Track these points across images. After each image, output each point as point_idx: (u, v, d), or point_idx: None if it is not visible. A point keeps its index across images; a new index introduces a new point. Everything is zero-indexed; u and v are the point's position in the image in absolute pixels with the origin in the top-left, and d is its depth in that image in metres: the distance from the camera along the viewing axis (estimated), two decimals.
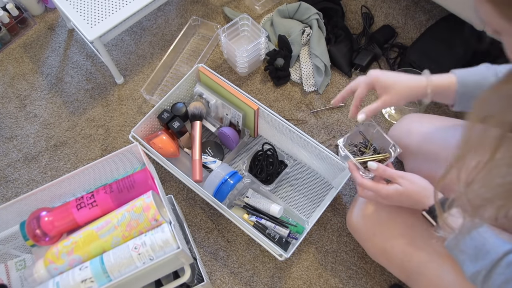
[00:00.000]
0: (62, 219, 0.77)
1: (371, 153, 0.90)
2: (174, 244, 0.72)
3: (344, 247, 1.08)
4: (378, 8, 1.37)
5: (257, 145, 1.15)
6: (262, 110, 1.07)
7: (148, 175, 0.81)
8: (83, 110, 1.27)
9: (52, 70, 1.32)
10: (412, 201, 0.78)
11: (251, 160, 1.12)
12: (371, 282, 1.05)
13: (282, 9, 1.32)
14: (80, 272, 0.71)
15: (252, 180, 1.09)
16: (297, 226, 1.05)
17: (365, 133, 0.92)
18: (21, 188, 1.17)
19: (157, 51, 1.35)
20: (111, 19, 1.08)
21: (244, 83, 1.28)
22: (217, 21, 1.38)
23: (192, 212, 1.13)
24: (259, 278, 1.06)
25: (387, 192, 0.79)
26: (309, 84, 1.25)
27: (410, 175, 0.79)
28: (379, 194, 0.80)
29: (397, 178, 0.79)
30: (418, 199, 0.77)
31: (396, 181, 0.79)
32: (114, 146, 1.22)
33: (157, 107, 1.09)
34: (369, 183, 0.81)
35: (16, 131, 1.24)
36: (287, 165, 1.12)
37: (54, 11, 1.42)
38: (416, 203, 0.78)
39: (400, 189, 0.78)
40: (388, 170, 0.81)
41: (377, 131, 0.89)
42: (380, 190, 0.80)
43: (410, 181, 0.78)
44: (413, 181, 0.78)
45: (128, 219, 0.74)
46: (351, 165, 0.86)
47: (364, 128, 0.91)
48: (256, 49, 1.20)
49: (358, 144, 0.93)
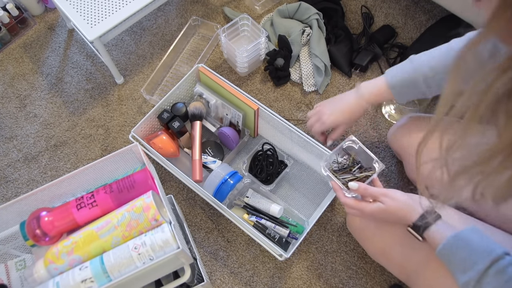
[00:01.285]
0: (62, 219, 0.77)
1: (356, 170, 0.93)
2: (174, 244, 0.72)
3: (344, 247, 1.08)
4: (378, 8, 1.37)
5: (257, 145, 1.15)
6: (262, 110, 1.07)
7: (148, 175, 0.81)
8: (83, 110, 1.27)
9: (52, 70, 1.32)
10: (396, 218, 0.79)
11: (251, 160, 1.12)
12: (371, 282, 1.05)
13: (282, 9, 1.32)
14: (80, 272, 0.71)
15: (252, 180, 1.09)
16: (297, 226, 1.05)
17: (348, 150, 0.94)
18: (21, 188, 1.17)
19: (157, 51, 1.35)
20: (111, 19, 1.08)
21: (244, 83, 1.28)
22: (217, 21, 1.38)
23: (192, 212, 1.13)
24: (259, 278, 1.06)
25: (370, 210, 0.81)
26: (309, 84, 1.25)
27: (393, 192, 0.81)
28: (362, 212, 0.82)
29: (379, 196, 0.81)
30: (402, 215, 0.78)
31: (378, 199, 0.81)
32: (114, 146, 1.22)
33: (157, 107, 1.09)
34: (351, 202, 0.84)
35: (16, 131, 1.24)
36: (287, 165, 1.12)
37: (54, 11, 1.42)
38: (400, 219, 0.79)
39: (383, 206, 0.80)
40: (369, 189, 0.82)
41: (359, 147, 0.92)
42: (363, 208, 0.82)
43: (391, 198, 0.79)
44: (394, 198, 0.80)
45: (128, 219, 0.74)
46: (334, 185, 0.89)
47: (347, 146, 0.93)
48: (256, 49, 1.20)
49: (342, 161, 0.95)
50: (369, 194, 0.82)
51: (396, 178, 1.15)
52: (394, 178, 1.15)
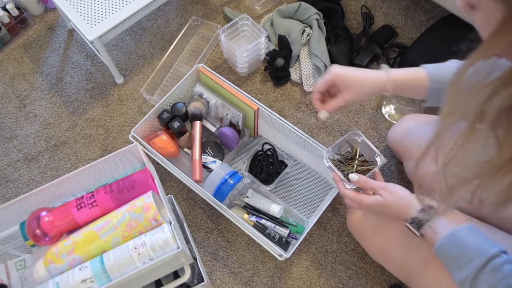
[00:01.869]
0: (62, 219, 0.77)
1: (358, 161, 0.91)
2: (174, 244, 0.72)
3: (344, 247, 1.08)
4: (378, 8, 1.37)
5: (257, 145, 1.15)
6: (262, 110, 1.07)
7: (148, 175, 0.81)
8: (83, 110, 1.27)
9: (52, 70, 1.32)
10: (393, 212, 0.79)
11: (251, 160, 1.12)
12: (371, 282, 1.05)
13: (282, 9, 1.32)
14: (80, 272, 0.71)
15: (252, 180, 1.09)
16: (297, 226, 1.05)
17: (351, 142, 0.93)
18: (21, 188, 1.17)
19: (157, 51, 1.35)
20: (111, 19, 1.08)
21: (244, 83, 1.28)
22: (217, 21, 1.38)
23: (192, 212, 1.13)
24: (259, 278, 1.06)
25: (368, 203, 0.81)
26: (309, 84, 1.25)
27: (392, 186, 0.81)
28: (361, 205, 0.83)
29: (378, 189, 0.81)
30: (399, 209, 0.78)
31: (377, 192, 0.81)
32: (114, 146, 1.22)
33: (157, 107, 1.09)
34: (351, 194, 0.84)
35: (16, 131, 1.24)
36: (287, 165, 1.12)
37: (54, 11, 1.42)
38: (397, 214, 0.79)
39: (381, 199, 0.80)
40: (369, 181, 0.83)
41: (362, 140, 0.91)
42: (362, 200, 0.82)
43: (390, 192, 0.80)
44: (393, 192, 0.80)
45: (128, 219, 0.74)
46: (335, 176, 0.89)
47: (350, 137, 0.92)
48: (256, 49, 1.20)
49: (345, 153, 0.93)
50: (369, 186, 0.82)
51: (396, 178, 1.15)
52: (394, 178, 1.15)
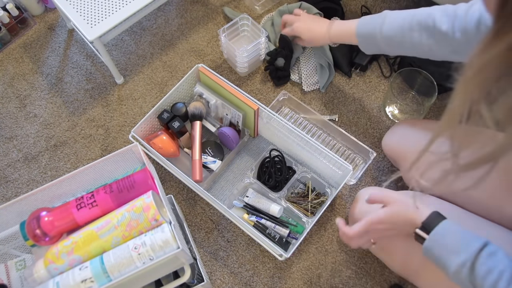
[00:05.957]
0: (62, 219, 0.77)
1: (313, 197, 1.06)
2: (174, 244, 0.72)
3: (344, 247, 1.08)
4: (378, 8, 1.37)
5: (264, 152, 1.14)
6: (262, 110, 1.07)
7: (148, 175, 0.81)
8: (83, 110, 1.27)
9: (52, 70, 1.32)
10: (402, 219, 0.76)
11: (259, 167, 1.12)
12: (371, 282, 1.05)
13: (282, 9, 1.32)
14: (80, 272, 0.71)
15: (261, 187, 1.08)
16: (297, 226, 1.05)
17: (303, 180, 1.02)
18: (21, 188, 1.17)
19: (157, 51, 1.35)
20: (111, 19, 1.08)
21: (244, 83, 1.28)
22: (217, 21, 1.38)
23: (192, 212, 1.13)
24: (259, 278, 1.06)
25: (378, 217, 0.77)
26: (309, 84, 1.25)
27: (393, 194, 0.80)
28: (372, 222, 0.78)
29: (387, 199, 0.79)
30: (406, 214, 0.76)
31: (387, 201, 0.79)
32: (114, 146, 1.22)
33: (157, 107, 1.09)
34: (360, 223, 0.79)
35: (16, 131, 1.24)
36: (295, 171, 1.11)
37: (54, 11, 1.42)
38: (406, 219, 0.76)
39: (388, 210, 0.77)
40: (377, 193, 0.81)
41: (312, 176, 1.01)
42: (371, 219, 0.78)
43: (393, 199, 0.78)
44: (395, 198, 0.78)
45: (128, 219, 0.74)
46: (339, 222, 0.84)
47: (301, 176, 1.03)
48: (256, 49, 1.20)
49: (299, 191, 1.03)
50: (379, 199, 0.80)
51: (393, 184, 1.14)
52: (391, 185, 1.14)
